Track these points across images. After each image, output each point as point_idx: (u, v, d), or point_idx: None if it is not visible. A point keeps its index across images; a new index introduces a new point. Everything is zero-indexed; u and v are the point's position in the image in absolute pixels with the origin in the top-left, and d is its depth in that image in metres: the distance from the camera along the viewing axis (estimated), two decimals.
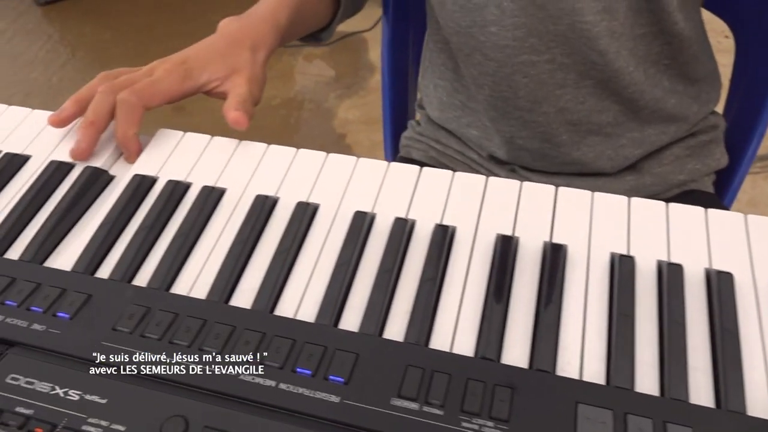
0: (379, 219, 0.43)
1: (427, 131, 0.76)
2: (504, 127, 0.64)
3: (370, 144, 1.67)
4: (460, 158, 0.73)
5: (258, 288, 0.39)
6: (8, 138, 0.50)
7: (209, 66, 0.51)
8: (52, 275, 0.40)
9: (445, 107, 0.71)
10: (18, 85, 1.92)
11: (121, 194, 0.45)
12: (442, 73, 0.70)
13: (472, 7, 0.55)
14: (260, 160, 0.47)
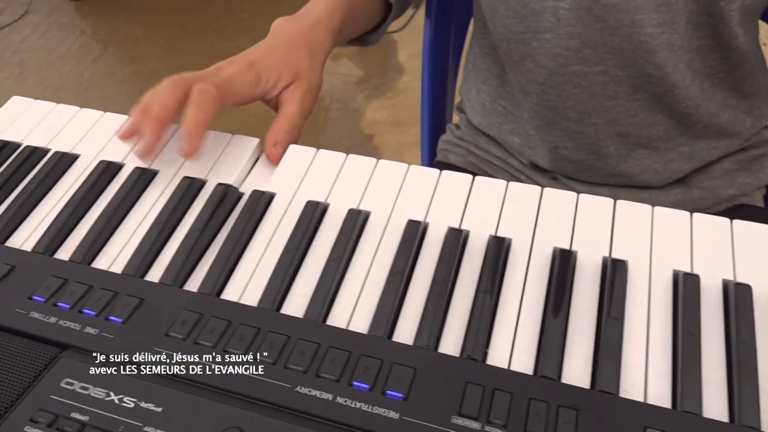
0: (432, 228, 0.42)
1: (467, 136, 0.74)
2: (549, 136, 0.62)
3: (398, 146, 1.66)
4: (500, 165, 0.72)
5: (310, 296, 0.38)
6: (57, 136, 0.50)
7: (276, 72, 0.49)
8: (104, 278, 0.39)
9: (487, 113, 0.70)
10: (50, 79, 1.94)
11: (171, 196, 0.44)
12: (487, 78, 0.69)
13: (528, 13, 0.54)
14: (309, 164, 0.47)
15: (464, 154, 0.74)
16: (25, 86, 1.92)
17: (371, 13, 0.64)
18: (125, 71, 1.96)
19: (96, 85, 1.91)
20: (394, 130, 1.70)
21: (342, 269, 0.40)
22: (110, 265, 0.41)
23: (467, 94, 0.74)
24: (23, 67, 2.00)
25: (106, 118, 0.51)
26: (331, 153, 0.47)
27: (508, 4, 0.55)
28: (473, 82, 0.73)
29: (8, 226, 0.43)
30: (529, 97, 0.61)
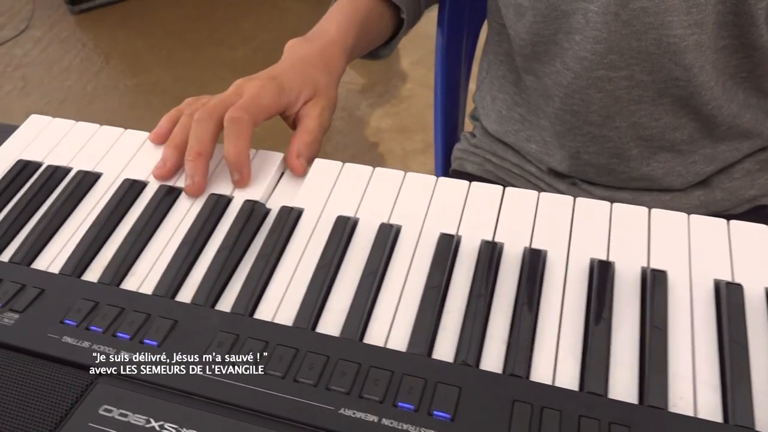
0: (465, 241, 0.41)
1: (482, 144, 0.74)
2: (570, 141, 0.62)
3: (403, 153, 1.66)
4: (517, 172, 0.71)
5: (345, 314, 0.38)
6: (78, 155, 0.50)
7: (297, 86, 0.49)
8: (135, 299, 0.38)
9: (503, 120, 0.70)
10: (53, 93, 1.94)
11: (198, 214, 0.44)
12: (502, 86, 0.69)
13: (558, 15, 0.54)
14: (336, 178, 0.46)
15: (481, 162, 0.74)
16: (28, 101, 1.92)
17: (383, 28, 0.64)
18: (128, 83, 1.96)
19: (99, 97, 1.91)
20: (399, 137, 1.70)
21: (376, 285, 0.39)
22: (140, 286, 0.40)
23: (482, 102, 0.74)
24: (26, 81, 1.99)
25: (126, 136, 0.51)
26: (358, 166, 0.46)
27: (536, 10, 0.55)
28: (488, 89, 0.72)
29: (34, 247, 0.43)
30: (550, 101, 0.60)
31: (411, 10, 0.64)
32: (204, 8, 2.20)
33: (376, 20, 0.61)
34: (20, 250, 0.42)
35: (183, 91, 1.89)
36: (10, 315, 0.37)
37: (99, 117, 1.83)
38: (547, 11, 0.55)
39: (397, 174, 0.46)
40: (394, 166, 1.59)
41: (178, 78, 1.94)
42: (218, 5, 2.21)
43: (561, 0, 0.53)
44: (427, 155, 1.65)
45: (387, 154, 1.66)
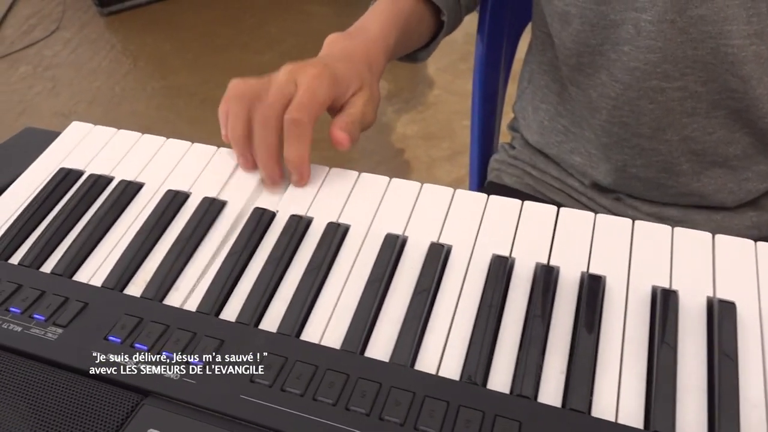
0: (519, 264, 0.40)
1: (522, 155, 0.72)
2: (617, 154, 0.60)
3: (429, 160, 1.64)
4: (558, 186, 0.69)
5: (395, 338, 0.36)
6: (120, 164, 0.49)
7: (347, 76, 0.48)
8: (179, 316, 0.37)
9: (545, 131, 0.68)
10: (82, 94, 1.95)
11: (242, 229, 0.43)
12: (545, 96, 0.67)
13: (607, 24, 0.52)
14: (383, 194, 0.45)
15: (520, 174, 0.72)
16: (57, 101, 1.94)
17: (423, 30, 0.63)
18: (155, 85, 1.97)
19: (127, 99, 1.92)
20: (425, 144, 1.69)
21: (428, 308, 0.37)
22: (183, 302, 0.39)
23: (522, 113, 0.72)
24: (55, 81, 2.01)
25: (169, 145, 0.50)
26: (406, 182, 0.45)
27: (584, 18, 0.53)
28: (530, 100, 0.70)
29: (76, 259, 0.42)
30: (597, 113, 0.58)
31: (452, 14, 0.63)
32: (231, 12, 2.21)
33: (416, 22, 0.60)
34: (62, 262, 0.41)
35: (209, 93, 1.90)
36: (53, 329, 0.37)
37: (126, 118, 1.84)
38: (595, 20, 0.53)
39: (447, 191, 0.44)
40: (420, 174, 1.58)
41: (204, 81, 1.95)
42: (245, 10, 2.21)
43: (611, 8, 0.51)
44: (453, 163, 1.64)
45: (413, 160, 1.65)
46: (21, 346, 0.36)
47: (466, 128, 1.73)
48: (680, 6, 0.48)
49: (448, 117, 1.76)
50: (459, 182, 1.59)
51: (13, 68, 2.08)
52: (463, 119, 1.75)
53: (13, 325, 0.37)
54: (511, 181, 0.72)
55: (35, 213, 0.45)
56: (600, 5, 0.52)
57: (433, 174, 1.61)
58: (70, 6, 2.31)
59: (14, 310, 0.38)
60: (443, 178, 1.60)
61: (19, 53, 2.13)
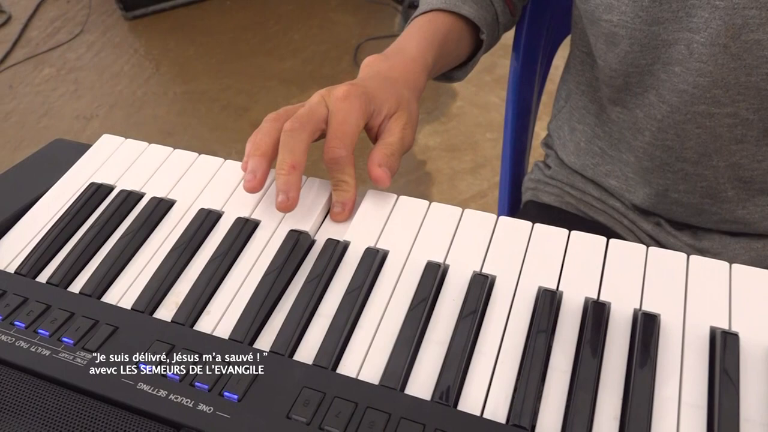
0: (568, 298, 0.38)
1: (559, 175, 0.70)
2: (658, 178, 0.58)
3: (451, 172, 1.63)
4: (600, 206, 0.67)
5: (437, 377, 0.35)
6: (151, 180, 0.48)
7: (382, 96, 0.46)
8: (212, 344, 0.36)
9: (582, 153, 0.66)
10: (104, 98, 1.97)
11: (277, 252, 0.41)
12: (582, 117, 0.65)
13: (658, 44, 0.50)
14: (422, 219, 0.43)
15: (559, 193, 0.70)
16: (79, 104, 1.95)
17: (461, 49, 0.61)
18: (177, 91, 1.97)
19: (149, 103, 1.93)
20: (447, 156, 1.67)
21: (470, 345, 0.36)
22: (215, 328, 0.38)
23: (558, 132, 0.71)
24: (78, 84, 2.03)
25: (201, 162, 0.49)
26: (447, 207, 0.43)
27: (633, 39, 0.51)
28: (566, 120, 0.69)
29: (105, 279, 0.41)
30: (640, 134, 0.57)
31: (490, 32, 0.61)
32: (255, 19, 2.22)
33: (454, 40, 0.59)
34: (91, 282, 0.40)
35: (230, 100, 1.90)
36: (83, 354, 0.35)
37: (147, 123, 1.84)
38: (646, 40, 0.51)
39: (489, 217, 0.42)
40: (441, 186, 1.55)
41: (227, 87, 1.95)
42: (269, 16, 2.22)
43: (663, 29, 0.50)
44: (475, 176, 1.62)
45: (434, 172, 1.64)
46: (49, 371, 0.35)
47: (489, 141, 1.71)
48: (735, 31, 0.46)
49: (471, 129, 1.75)
50: (482, 195, 1.57)
51: (37, 70, 2.10)
52: (486, 132, 1.73)
53: (41, 348, 0.36)
54: (550, 200, 0.71)
55: (64, 229, 0.44)
56: (652, 26, 0.50)
57: (456, 186, 1.60)
58: (95, 9, 2.33)
59: (42, 333, 0.36)
60: (465, 191, 1.59)
61: (44, 55, 2.15)
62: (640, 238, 0.64)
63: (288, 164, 0.41)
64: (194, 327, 0.38)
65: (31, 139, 1.84)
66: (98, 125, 1.85)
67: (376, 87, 0.47)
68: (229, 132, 1.82)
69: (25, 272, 0.41)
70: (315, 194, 0.45)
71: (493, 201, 1.55)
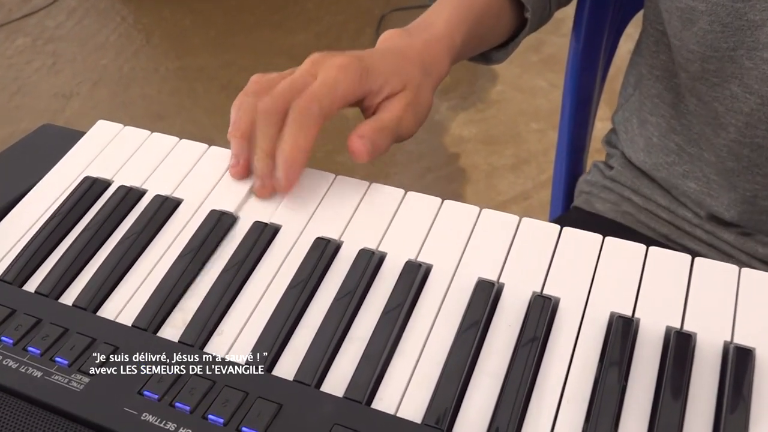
0: (646, 326, 0.38)
1: (621, 177, 0.70)
2: (744, 182, 0.57)
3: (489, 169, 1.62)
4: (666, 217, 0.67)
5: (490, 415, 0.35)
6: (154, 174, 0.48)
7: (384, 73, 0.47)
8: (227, 370, 0.36)
9: (654, 150, 0.66)
10: (86, 73, 1.99)
11: (302, 264, 0.41)
12: (656, 107, 0.65)
13: (743, 25, 0.50)
14: (472, 228, 0.43)
15: (616, 200, 0.70)
16: (57, 80, 1.98)
17: (501, 28, 0.61)
18: (170, 67, 1.99)
19: (137, 81, 1.95)
20: (484, 149, 1.67)
21: (530, 379, 0.36)
22: (229, 350, 0.38)
23: (625, 125, 0.70)
24: (56, 57, 2.06)
25: (212, 154, 0.49)
26: (499, 215, 0.43)
27: (714, 15, 0.51)
28: (635, 110, 0.68)
29: (102, 290, 0.41)
30: (723, 131, 0.56)
31: (538, 10, 0.61)
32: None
33: (493, 17, 0.59)
34: (86, 293, 0.41)
35: (232, 79, 1.91)
36: (78, 378, 0.36)
37: (135, 103, 1.86)
38: (728, 19, 0.50)
39: (550, 228, 0.42)
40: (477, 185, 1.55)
41: (228, 64, 1.97)
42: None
43: (749, 6, 0.49)
44: (517, 173, 1.61)
45: (469, 169, 1.63)
46: (41, 395, 0.35)
47: (534, 132, 1.71)
48: None
49: (513, 118, 1.74)
50: (525, 197, 1.57)
51: (9, 40, 2.14)
52: (530, 121, 1.73)
53: (31, 369, 0.36)
54: (604, 208, 0.70)
55: (55, 230, 0.45)
56: (736, 2, 0.49)
57: (494, 186, 1.59)
58: None
59: (33, 351, 0.37)
60: (505, 192, 1.58)
61: (18, 23, 2.19)
62: (721, 250, 0.63)
63: (263, 152, 0.44)
64: (205, 348, 0.38)
65: (1, 121, 1.87)
66: (79, 105, 1.88)
67: (382, 63, 0.48)
68: (228, 116, 1.83)
69: (11, 280, 0.42)
70: (342, 196, 0.45)
71: (538, 204, 1.55)
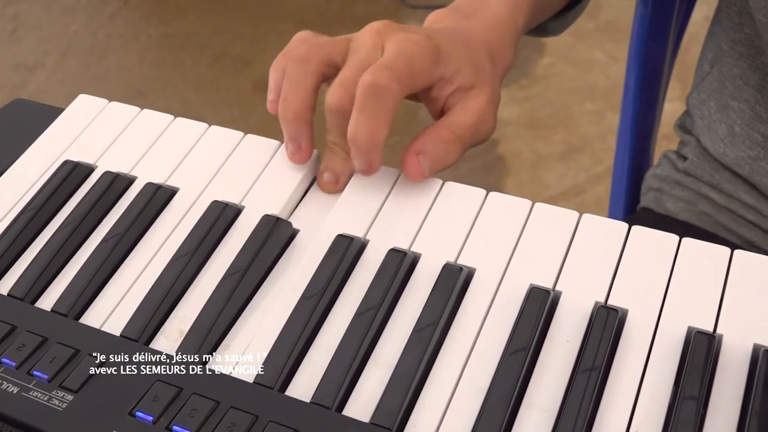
0: (729, 343, 0.38)
1: (698, 171, 0.70)
2: None
3: (534, 158, 1.63)
4: (752, 218, 0.67)
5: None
6: (144, 158, 0.50)
7: (459, 58, 0.47)
8: (233, 389, 0.37)
9: (736, 140, 0.66)
10: (53, 40, 2.02)
11: (322, 263, 0.42)
12: (739, 90, 0.65)
13: None
14: (523, 225, 0.44)
15: (691, 198, 0.70)
16: (19, 49, 2.00)
17: None
18: (152, 33, 2.01)
19: (113, 50, 1.97)
20: (528, 134, 1.67)
21: (595, 394, 0.36)
22: (235, 365, 0.39)
23: (701, 109, 0.70)
24: (18, 22, 2.08)
25: (212, 134, 0.50)
26: (558, 210, 0.44)
27: None
28: (714, 92, 0.68)
29: (85, 294, 0.42)
30: None
31: None
32: None
33: None
34: (67, 297, 0.42)
35: (226, 48, 1.93)
36: (60, 395, 0.37)
37: (111, 77, 1.89)
38: None
39: (618, 226, 0.43)
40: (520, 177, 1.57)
41: (221, 30, 1.99)
42: None
43: None
44: (569, 164, 1.62)
45: (510, 157, 1.64)
46: (17, 414, 0.36)
47: (589, 114, 1.71)
48: None
49: (563, 97, 1.74)
50: (577, 192, 1.57)
51: None
52: (585, 101, 1.73)
53: (6, 383, 0.37)
54: (677, 209, 0.71)
55: (30, 224, 0.46)
56: None
57: (540, 178, 1.60)
58: None
59: (8, 363, 0.38)
60: (554, 185, 1.59)
61: None
62: None
63: (345, 150, 0.45)
64: (207, 364, 0.39)
65: None
66: (44, 78, 1.91)
67: (453, 47, 0.48)
68: (222, 92, 1.85)
69: None
70: (371, 186, 0.47)
71: (593, 201, 1.55)
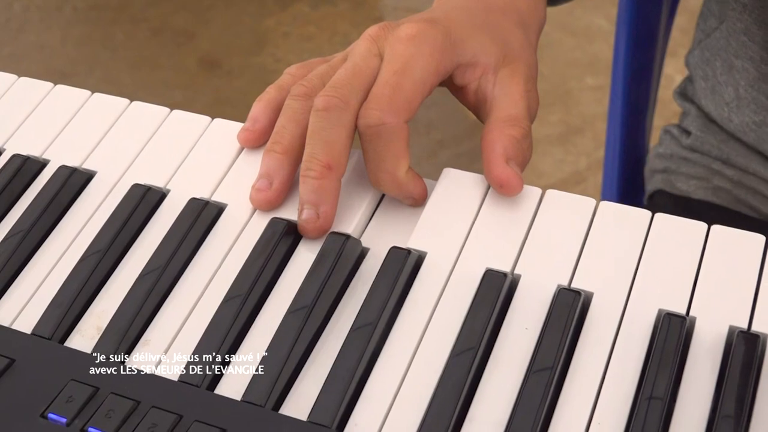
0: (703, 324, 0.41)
1: (705, 146, 0.72)
2: None
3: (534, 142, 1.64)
4: None
5: None
6: (57, 139, 0.51)
7: (478, 36, 0.48)
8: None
9: (741, 103, 0.68)
10: None
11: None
12: (743, 47, 0.67)
13: None
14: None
15: (704, 174, 0.72)
16: None
17: None
18: (78, 5, 1.99)
19: (31, 25, 1.95)
20: None
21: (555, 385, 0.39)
22: (157, 365, 0.41)
23: (703, 69, 0.72)
24: None
25: (135, 111, 0.52)
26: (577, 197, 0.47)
27: None
28: (717, 51, 0.71)
29: None
30: None
31: None
32: None
33: None
34: None
35: (166, 20, 1.92)
36: None
37: (30, 55, 1.86)
38: None
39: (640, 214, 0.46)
40: None
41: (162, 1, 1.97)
42: None
43: None
44: (567, 148, 1.64)
45: None
46: None
47: (591, 90, 1.73)
48: None
49: (561, 71, 1.76)
50: (578, 180, 1.59)
51: None
52: (586, 74, 1.75)
53: None
54: (689, 188, 0.73)
55: None
56: None
57: (536, 165, 1.61)
58: None
59: None
60: (551, 172, 1.60)
61: None
62: None
63: (321, 163, 0.44)
64: (127, 363, 0.41)
65: None
66: None
67: (468, 24, 0.49)
68: (162, 72, 1.84)
69: None
70: None
71: (596, 190, 1.57)
